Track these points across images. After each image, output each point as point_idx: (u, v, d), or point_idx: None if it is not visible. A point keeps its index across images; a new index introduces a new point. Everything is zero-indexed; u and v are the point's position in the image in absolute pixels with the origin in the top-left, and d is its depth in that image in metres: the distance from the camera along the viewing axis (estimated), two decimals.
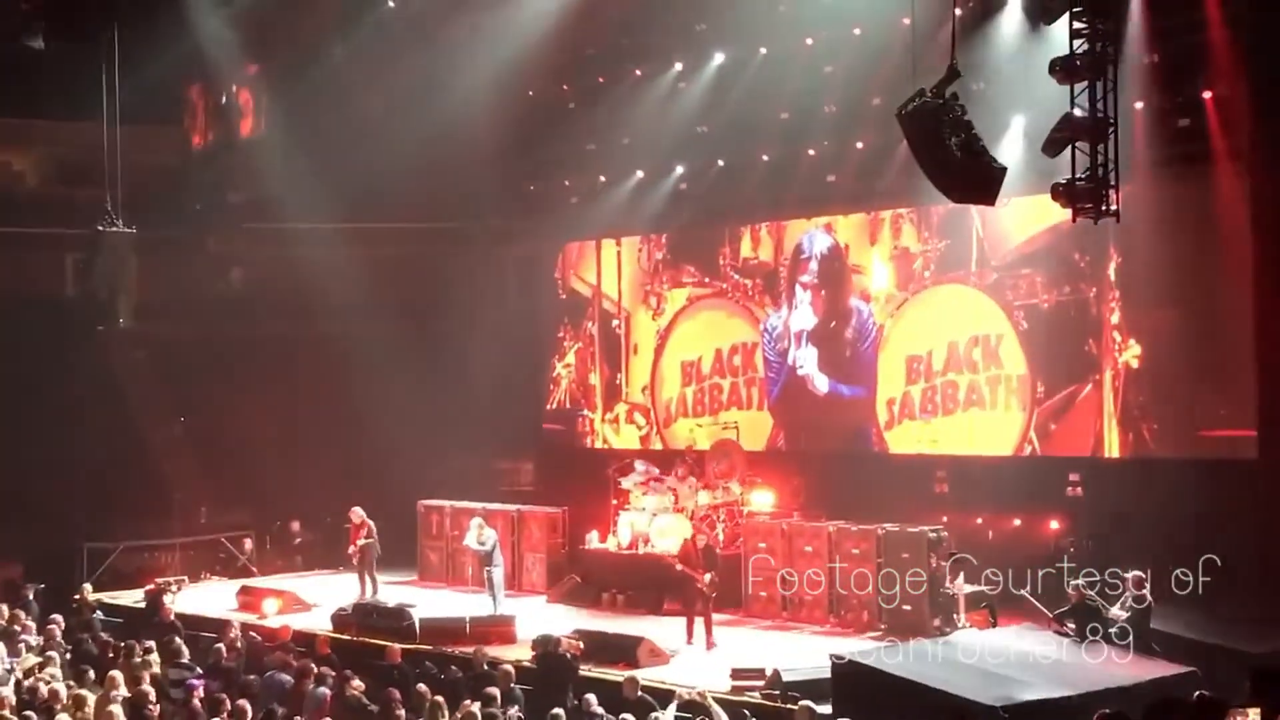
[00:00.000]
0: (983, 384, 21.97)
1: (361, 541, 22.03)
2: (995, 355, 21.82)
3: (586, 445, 27.50)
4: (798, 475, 22.90)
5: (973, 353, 22.11)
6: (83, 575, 22.73)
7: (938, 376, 22.48)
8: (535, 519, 23.29)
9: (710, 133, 24.73)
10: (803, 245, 24.26)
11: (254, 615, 20.75)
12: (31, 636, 17.39)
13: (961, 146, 14.29)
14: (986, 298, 21.99)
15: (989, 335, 21.94)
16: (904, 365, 22.89)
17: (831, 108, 23.14)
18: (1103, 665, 14.47)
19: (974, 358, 22.08)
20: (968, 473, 21.85)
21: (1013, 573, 17.44)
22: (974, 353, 22.09)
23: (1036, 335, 21.39)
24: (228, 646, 16.64)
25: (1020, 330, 21.56)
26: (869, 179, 22.93)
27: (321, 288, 27.09)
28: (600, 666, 16.29)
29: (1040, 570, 16.94)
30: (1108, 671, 14.18)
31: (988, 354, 21.91)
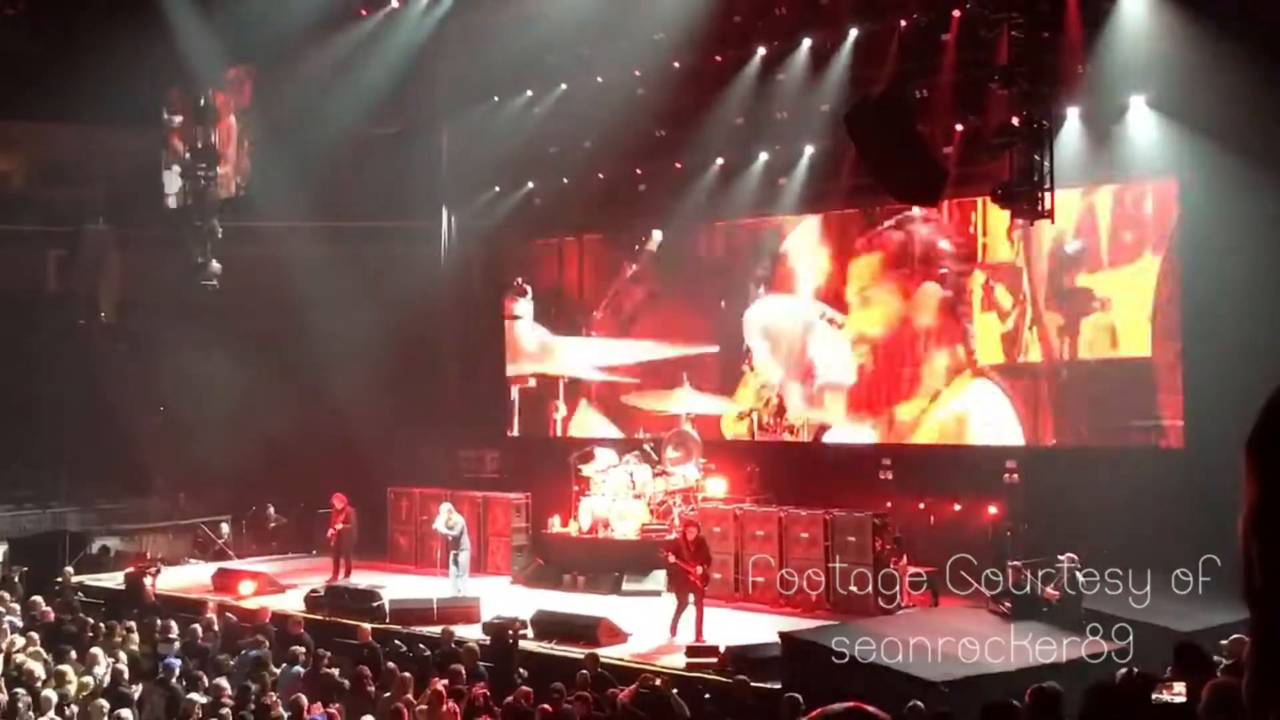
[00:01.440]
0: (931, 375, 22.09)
1: (340, 526, 21.96)
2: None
3: (549, 433, 27.45)
4: (750, 462, 22.91)
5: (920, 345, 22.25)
6: (65, 558, 22.50)
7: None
8: (500, 504, 23.24)
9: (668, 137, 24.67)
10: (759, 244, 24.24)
11: (231, 596, 20.63)
12: (16, 618, 17.23)
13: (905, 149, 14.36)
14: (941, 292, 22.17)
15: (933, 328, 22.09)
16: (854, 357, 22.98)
17: (783, 114, 23.15)
18: (1038, 643, 14.56)
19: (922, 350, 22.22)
20: (911, 460, 21.93)
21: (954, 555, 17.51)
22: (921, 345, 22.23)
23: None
24: (204, 627, 16.53)
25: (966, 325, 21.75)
26: (817, 183, 22.94)
27: (295, 283, 26.97)
28: (561, 645, 16.27)
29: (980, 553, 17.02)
30: (1042, 648, 14.27)
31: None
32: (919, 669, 13.16)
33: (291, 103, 26.52)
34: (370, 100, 25.90)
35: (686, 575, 17.14)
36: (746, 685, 13.51)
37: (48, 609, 17.78)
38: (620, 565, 21.08)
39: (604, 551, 21.42)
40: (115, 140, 28.49)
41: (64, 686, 13.04)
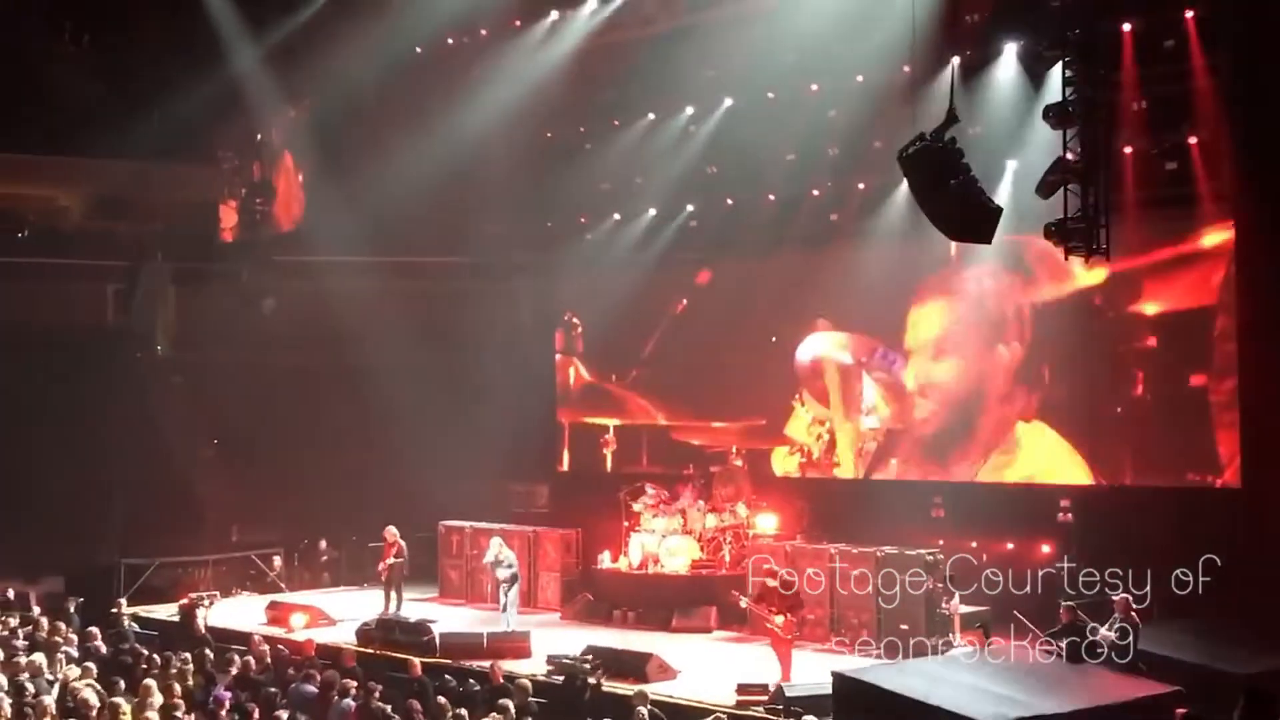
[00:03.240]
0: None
1: (391, 559, 22.05)
2: None
3: (599, 469, 27.49)
4: (801, 499, 22.86)
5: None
6: (120, 590, 22.69)
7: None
8: (550, 539, 23.24)
9: (719, 173, 24.79)
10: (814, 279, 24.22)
11: (282, 629, 20.73)
12: (72, 648, 17.39)
13: (959, 188, 14.35)
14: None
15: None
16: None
17: (834, 150, 23.19)
18: (1092, 683, 14.41)
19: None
20: (963, 498, 21.81)
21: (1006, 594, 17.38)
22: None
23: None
24: (256, 659, 16.62)
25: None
26: (869, 219, 22.96)
27: (349, 317, 27.18)
28: (611, 681, 16.24)
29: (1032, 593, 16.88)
30: (1097, 690, 14.12)
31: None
32: (971, 709, 13.02)
33: (346, 138, 26.82)
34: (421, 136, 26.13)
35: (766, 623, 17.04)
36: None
37: (99, 641, 17.92)
38: (670, 601, 21.05)
39: (654, 587, 21.40)
40: (173, 176, 28.86)
41: (117, 718, 13.13)
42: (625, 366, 27.31)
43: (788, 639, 16.69)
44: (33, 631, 18.70)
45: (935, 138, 14.31)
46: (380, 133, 26.37)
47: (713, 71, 24.14)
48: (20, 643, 17.73)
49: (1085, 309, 20.95)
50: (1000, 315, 21.88)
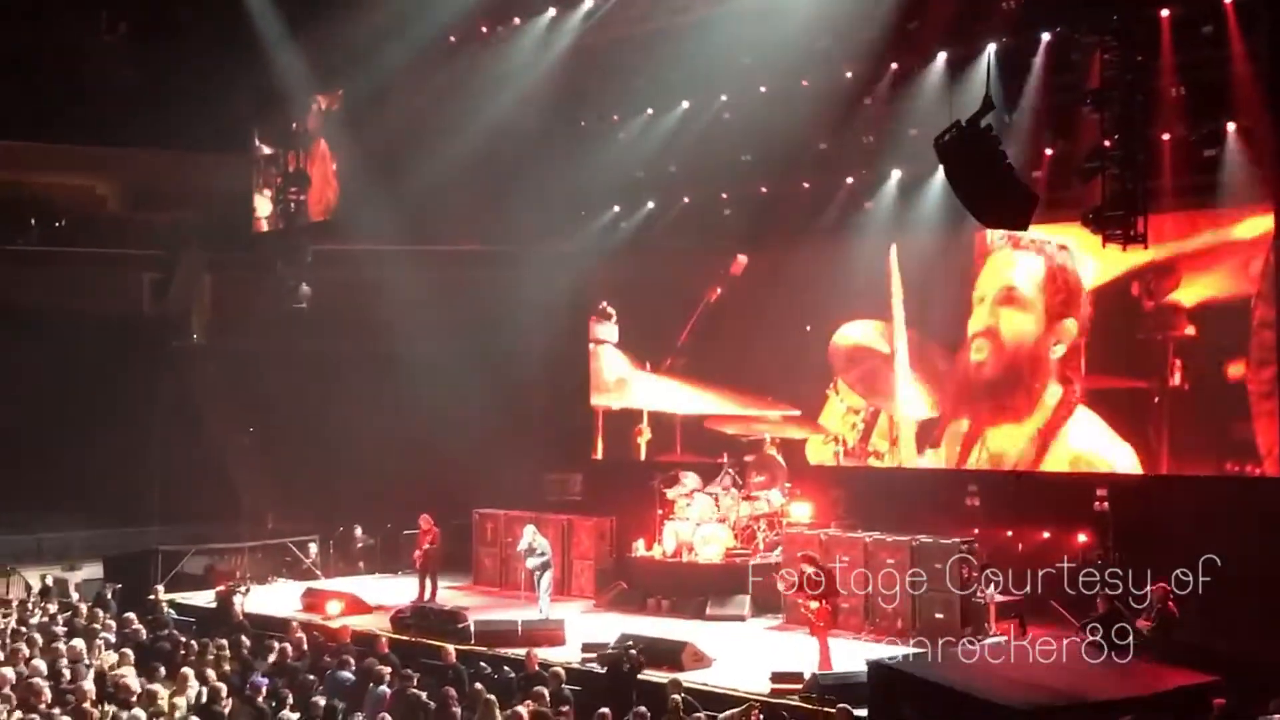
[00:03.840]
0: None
1: (426, 547, 22.13)
2: None
3: (633, 456, 27.51)
4: (835, 488, 22.82)
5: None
6: (157, 577, 22.86)
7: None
8: (584, 527, 23.26)
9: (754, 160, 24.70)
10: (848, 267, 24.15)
11: (318, 616, 20.83)
12: (110, 634, 17.54)
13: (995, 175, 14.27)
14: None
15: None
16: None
17: (869, 138, 23.12)
18: (1129, 673, 14.34)
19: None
20: (999, 487, 21.73)
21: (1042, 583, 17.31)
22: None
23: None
24: (293, 646, 16.71)
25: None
26: (904, 207, 22.89)
27: (383, 306, 27.31)
28: (646, 669, 16.25)
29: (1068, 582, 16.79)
30: (1134, 679, 14.04)
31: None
32: (1007, 698, 12.96)
33: (381, 127, 26.88)
34: (458, 125, 26.17)
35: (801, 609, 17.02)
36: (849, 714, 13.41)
37: (140, 627, 18.08)
38: (704, 590, 21.04)
39: (688, 576, 21.38)
40: (208, 165, 29.04)
41: (155, 704, 13.23)
42: (660, 355, 27.30)
43: (823, 626, 16.66)
44: (72, 618, 18.88)
45: (971, 124, 14.23)
46: (415, 121, 26.40)
47: (748, 58, 24.04)
48: (60, 629, 17.89)
49: (1122, 297, 20.81)
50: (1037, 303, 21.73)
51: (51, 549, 27.12)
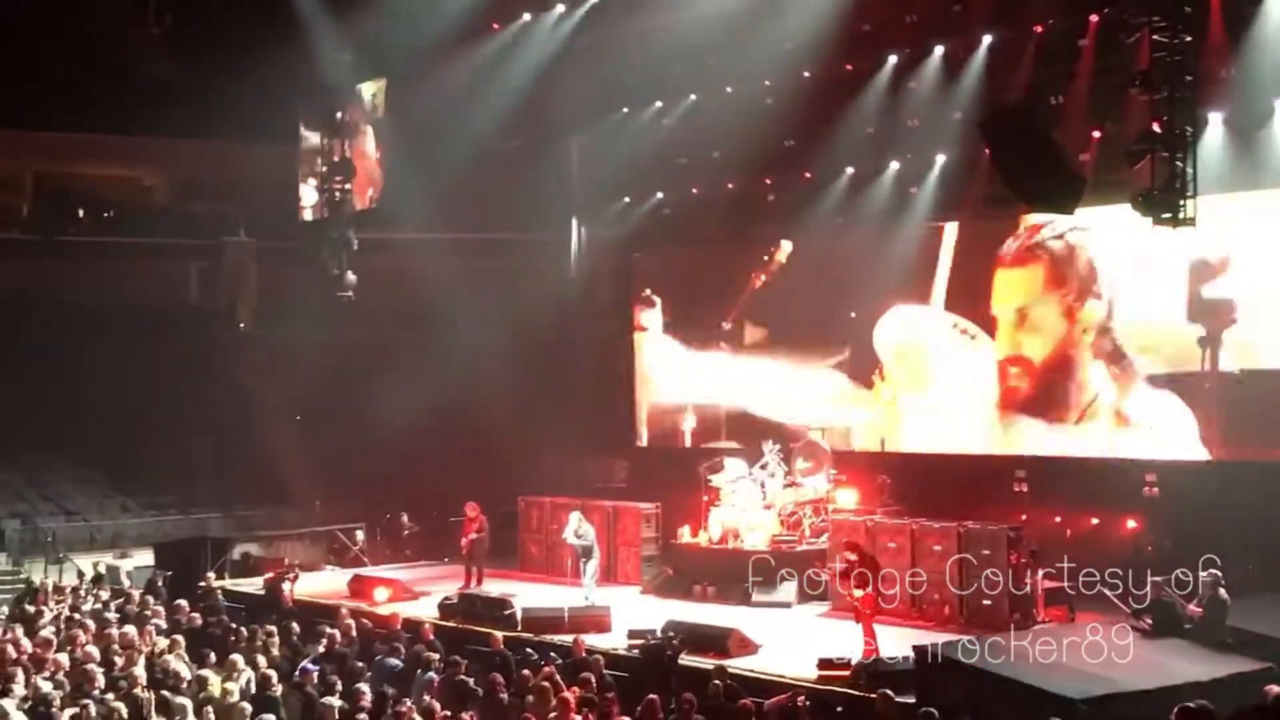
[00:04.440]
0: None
1: (473, 534, 22.19)
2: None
3: (678, 443, 27.49)
4: (881, 474, 22.71)
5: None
6: (207, 564, 23.03)
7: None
8: (630, 514, 23.26)
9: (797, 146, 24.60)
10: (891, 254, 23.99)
11: (365, 603, 20.92)
12: (161, 620, 17.69)
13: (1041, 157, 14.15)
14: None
15: None
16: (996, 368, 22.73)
17: (914, 122, 23.00)
18: (1180, 660, 14.22)
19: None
20: (1047, 472, 21.58)
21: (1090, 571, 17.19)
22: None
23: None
24: (342, 632, 16.80)
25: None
26: (950, 190, 22.76)
27: (428, 294, 27.39)
28: (691, 656, 16.24)
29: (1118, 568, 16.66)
30: (1185, 666, 13.93)
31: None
32: (1056, 686, 12.88)
33: (424, 116, 26.95)
34: (501, 112, 26.21)
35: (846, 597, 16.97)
36: (890, 700, 13.37)
37: (193, 613, 18.22)
38: (750, 576, 20.98)
39: (734, 562, 21.31)
40: (253, 155, 29.20)
41: (206, 690, 13.34)
42: (704, 341, 27.26)
43: (869, 613, 16.59)
44: (124, 604, 19.07)
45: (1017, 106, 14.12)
46: (459, 109, 26.45)
47: (789, 44, 23.96)
48: (112, 615, 18.08)
49: (1168, 280, 20.62)
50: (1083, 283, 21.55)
51: (103, 537, 27.38)
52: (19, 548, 26.27)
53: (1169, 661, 14.13)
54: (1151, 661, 14.12)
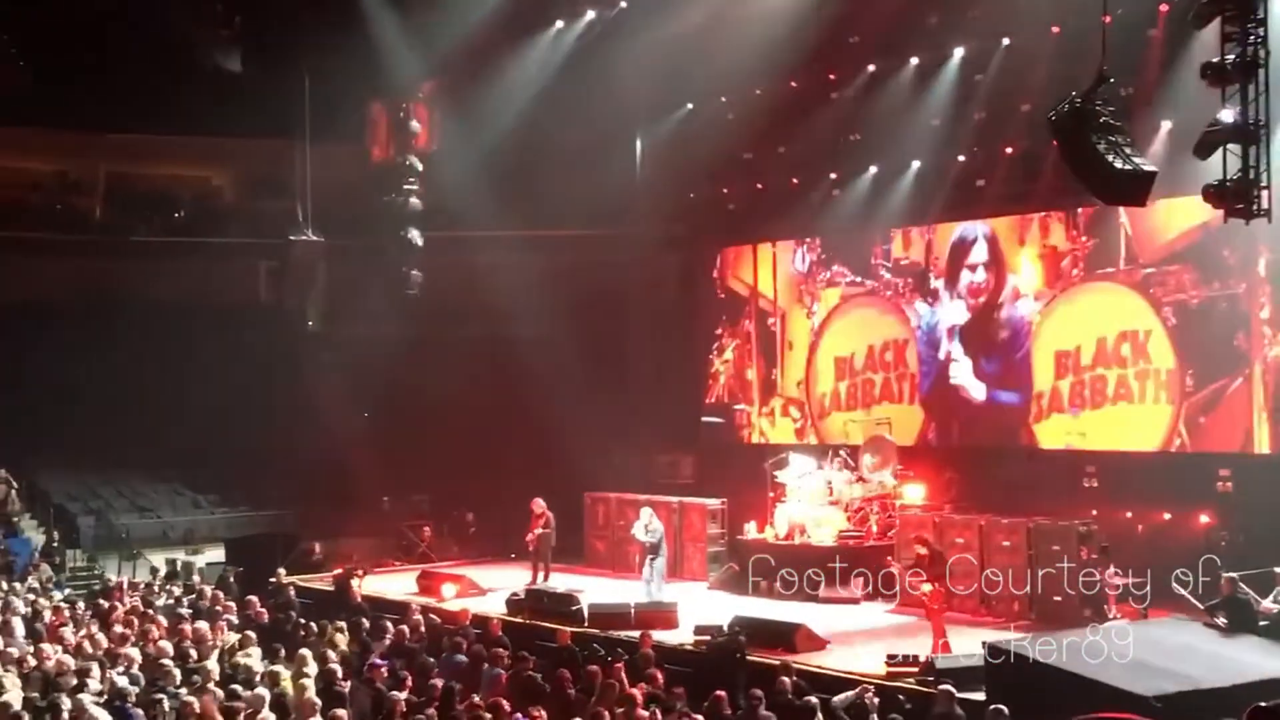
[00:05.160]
0: (1131, 378, 21.44)
1: (539, 530, 22.25)
2: (1144, 350, 21.28)
3: (743, 439, 27.45)
4: (949, 469, 22.58)
5: (1121, 348, 21.58)
6: (277, 560, 23.24)
7: (1086, 371, 22.00)
8: (696, 510, 23.28)
9: (863, 141, 24.54)
10: (965, 234, 23.81)
11: (433, 599, 21.06)
12: (233, 616, 17.89)
13: (1111, 150, 13.99)
14: (1134, 294, 21.45)
15: (1137, 331, 21.41)
16: (1053, 360, 22.43)
17: (981, 115, 22.84)
18: (1254, 657, 14.03)
19: (1122, 353, 21.55)
20: (1117, 467, 21.34)
21: (1164, 566, 17.00)
22: (1122, 348, 21.56)
23: (1185, 330, 20.81)
24: (410, 628, 16.91)
25: (1168, 325, 20.98)
26: (1018, 183, 22.58)
27: (495, 292, 27.51)
28: (758, 652, 16.22)
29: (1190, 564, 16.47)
30: (1260, 664, 13.74)
31: (1136, 349, 21.38)
32: (1129, 683, 12.74)
33: (487, 112, 27.07)
34: (565, 107, 26.27)
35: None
36: (951, 696, 13.30)
37: (262, 609, 18.41)
38: (817, 572, 20.92)
39: (801, 558, 21.29)
40: (320, 153, 29.43)
41: (278, 685, 13.47)
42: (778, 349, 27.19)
43: (937, 609, 16.50)
44: (195, 600, 19.31)
45: (1085, 99, 13.96)
46: (526, 104, 26.55)
47: (855, 37, 23.86)
48: (184, 610, 18.31)
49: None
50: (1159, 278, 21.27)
51: (176, 533, 27.76)
52: (94, 543, 26.70)
53: (1244, 658, 13.95)
54: (1226, 659, 13.94)
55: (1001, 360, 23.27)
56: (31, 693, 13.04)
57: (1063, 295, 22.40)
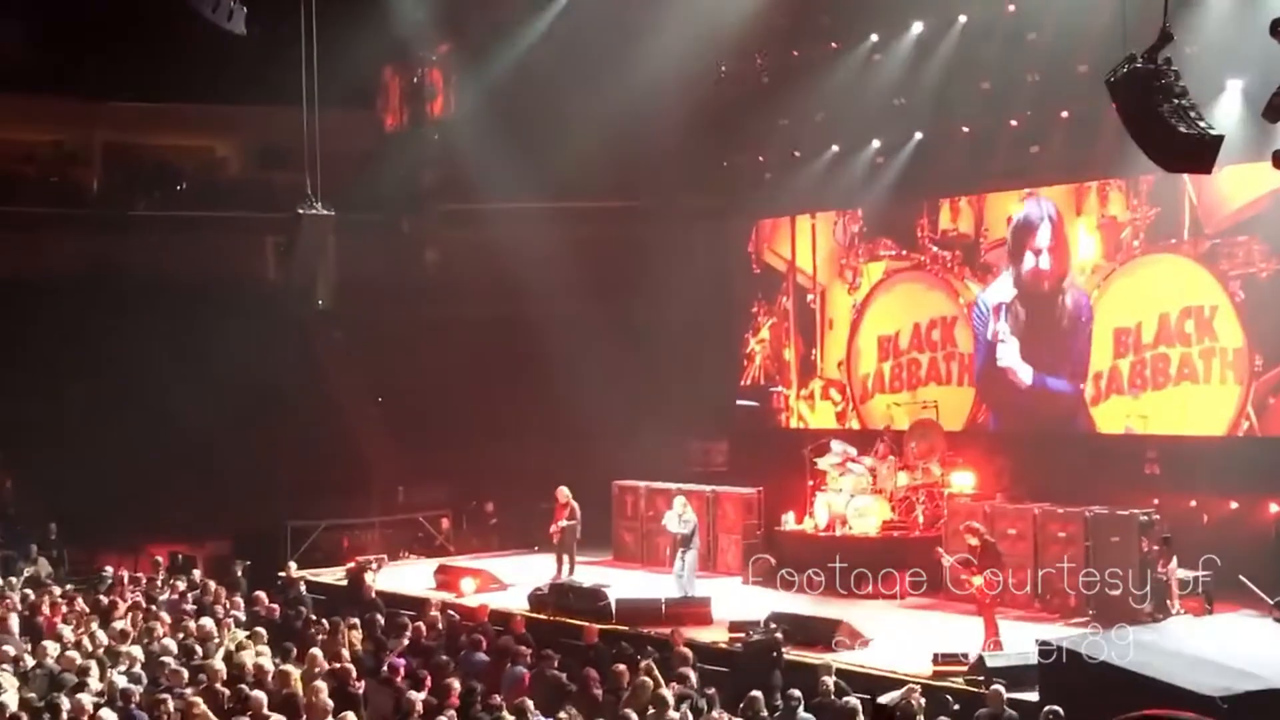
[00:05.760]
0: (1195, 357, 21.34)
1: (564, 522, 22.23)
2: (1209, 327, 21.17)
3: (781, 423, 27.43)
4: (1000, 455, 22.51)
5: (1185, 325, 21.48)
6: (287, 553, 23.34)
7: (1147, 350, 21.91)
8: (730, 500, 23.26)
9: (908, 105, 24.44)
10: (1018, 214, 23.72)
11: (452, 594, 21.13)
12: (240, 611, 17.99)
13: (1174, 114, 13.89)
14: (1199, 267, 21.34)
15: (1202, 306, 21.30)
16: (1111, 338, 22.36)
17: (1035, 77, 22.70)
18: None
19: (1186, 330, 21.45)
20: (1181, 453, 21.24)
21: (1230, 558, 16.93)
22: (1186, 325, 21.46)
23: (1254, 306, 20.68)
24: (428, 625, 16.98)
25: (1236, 301, 20.87)
26: (1075, 149, 22.45)
27: (515, 268, 27.48)
28: (797, 650, 16.23)
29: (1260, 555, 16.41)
30: None
31: (1201, 326, 21.27)
32: (1194, 682, 12.70)
33: (509, 76, 27.01)
34: (589, 71, 26.20)
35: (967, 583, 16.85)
36: (1002, 697, 13.29)
37: (271, 605, 18.50)
38: (860, 565, 20.86)
39: (842, 550, 21.22)
40: (331, 122, 29.39)
41: (289, 685, 13.54)
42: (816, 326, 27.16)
43: (989, 603, 16.47)
44: (200, 595, 19.41)
45: (1147, 59, 13.85)
46: (546, 71, 26.50)
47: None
48: (189, 607, 18.41)
49: None
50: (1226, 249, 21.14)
51: (178, 524, 27.81)
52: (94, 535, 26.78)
53: None
54: None
55: (1054, 343, 23.19)
56: (29, 693, 13.15)
57: (1122, 269, 22.30)
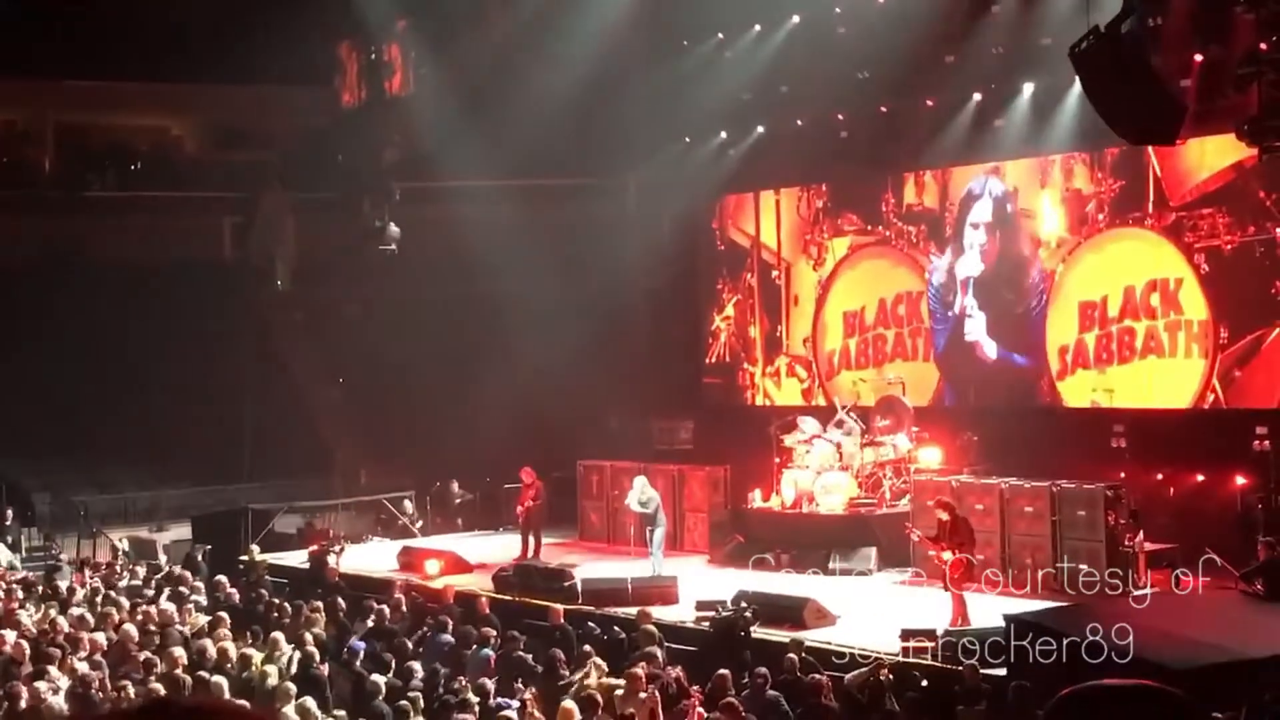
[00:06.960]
0: (1161, 330, 21.50)
1: (529, 502, 22.21)
2: (1174, 300, 21.32)
3: (747, 401, 27.48)
4: (966, 430, 22.59)
5: (1150, 298, 21.63)
6: (248, 537, 23.28)
7: (1113, 323, 22.05)
8: (696, 478, 23.30)
9: (871, 78, 24.45)
10: (973, 188, 23.84)
11: (416, 576, 21.10)
12: (201, 597, 17.96)
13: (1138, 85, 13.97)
14: (1164, 240, 21.47)
15: (1167, 279, 21.45)
16: (1077, 312, 22.47)
17: (998, 49, 22.75)
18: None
19: (1151, 303, 21.60)
20: (1147, 426, 21.37)
21: (1196, 530, 17.06)
22: (1151, 298, 21.61)
23: (1219, 278, 20.83)
24: (392, 608, 16.98)
25: (1201, 273, 21.01)
26: (1038, 122, 22.52)
27: (478, 246, 27.42)
28: (765, 628, 16.29)
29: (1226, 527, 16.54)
30: None
31: (1166, 299, 21.42)
32: (1159, 656, 12.83)
33: (469, 55, 26.92)
34: (550, 46, 26.12)
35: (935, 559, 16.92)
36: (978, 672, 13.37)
37: (233, 589, 18.47)
38: (827, 542, 20.96)
39: (809, 528, 21.32)
40: (288, 101, 29.33)
41: (249, 670, 13.54)
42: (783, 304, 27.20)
43: (958, 579, 16.54)
44: (161, 580, 19.36)
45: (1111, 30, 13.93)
46: (504, 46, 26.42)
47: None
48: (149, 592, 18.37)
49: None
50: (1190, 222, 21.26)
51: (138, 510, 27.73)
52: (49, 522, 26.68)
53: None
54: (1263, 628, 14.03)
55: (1014, 317, 23.31)
56: None
57: (1087, 242, 22.42)
